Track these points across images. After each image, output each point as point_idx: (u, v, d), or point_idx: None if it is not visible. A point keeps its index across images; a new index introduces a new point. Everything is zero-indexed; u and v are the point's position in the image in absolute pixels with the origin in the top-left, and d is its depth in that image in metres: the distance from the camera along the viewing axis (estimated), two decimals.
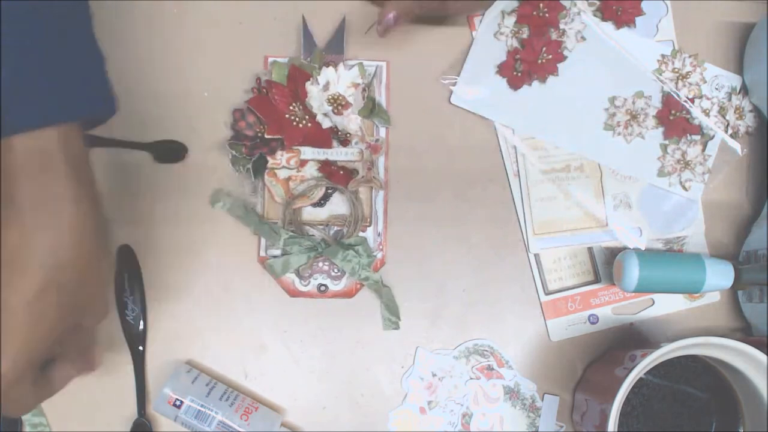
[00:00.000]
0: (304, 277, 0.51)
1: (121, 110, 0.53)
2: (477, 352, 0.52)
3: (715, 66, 0.54)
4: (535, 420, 0.52)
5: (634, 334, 0.54)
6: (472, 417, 0.52)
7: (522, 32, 0.53)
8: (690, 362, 0.49)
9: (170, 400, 0.47)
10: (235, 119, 0.51)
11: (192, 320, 0.51)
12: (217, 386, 0.49)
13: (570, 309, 0.53)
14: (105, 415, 0.51)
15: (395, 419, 0.52)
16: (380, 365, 0.52)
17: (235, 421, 0.48)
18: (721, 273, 0.49)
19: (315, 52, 0.52)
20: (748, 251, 0.52)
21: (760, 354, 0.44)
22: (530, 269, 0.53)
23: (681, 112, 0.53)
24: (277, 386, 0.52)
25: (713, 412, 0.50)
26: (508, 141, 0.53)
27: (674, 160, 0.53)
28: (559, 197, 0.53)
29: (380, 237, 0.52)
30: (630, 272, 0.49)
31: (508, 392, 0.52)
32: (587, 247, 0.54)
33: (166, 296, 0.52)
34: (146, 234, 0.52)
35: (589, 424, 0.48)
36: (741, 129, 0.54)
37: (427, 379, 0.52)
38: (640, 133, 0.53)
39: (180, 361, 0.51)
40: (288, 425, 0.51)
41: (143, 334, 0.51)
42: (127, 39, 0.53)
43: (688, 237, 0.54)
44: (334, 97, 0.51)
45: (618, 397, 0.43)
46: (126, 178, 0.52)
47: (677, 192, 0.54)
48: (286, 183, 0.51)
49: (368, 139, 0.52)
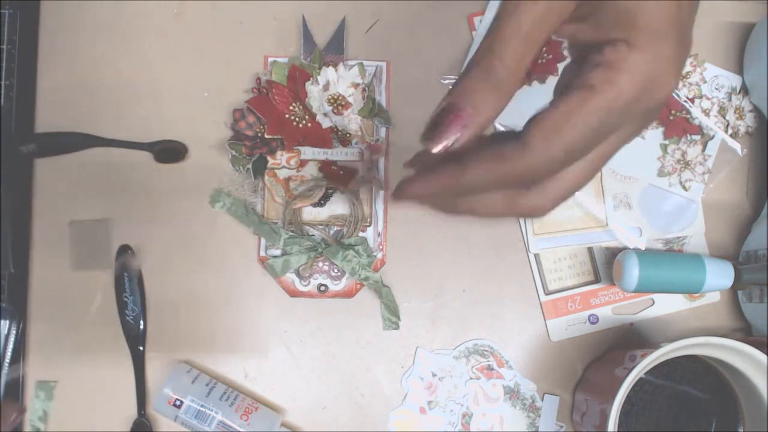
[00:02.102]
0: (304, 277, 0.51)
1: (121, 110, 0.53)
2: (477, 352, 0.52)
3: (715, 66, 0.54)
4: (535, 420, 0.52)
5: (634, 334, 0.54)
6: (472, 417, 0.52)
7: None
8: (690, 362, 0.49)
9: (170, 400, 0.47)
10: (235, 119, 0.51)
11: (192, 320, 0.51)
12: (217, 386, 0.49)
13: (570, 309, 0.53)
14: (105, 415, 0.51)
15: (395, 419, 0.52)
16: (380, 365, 0.52)
17: (235, 421, 0.48)
18: (721, 273, 0.49)
19: (315, 52, 0.52)
20: (748, 251, 0.52)
21: (760, 354, 0.44)
22: (530, 269, 0.53)
23: (681, 112, 0.53)
24: (277, 386, 0.52)
25: (713, 412, 0.50)
26: None
27: (674, 160, 0.53)
28: None
29: (380, 237, 0.52)
30: (630, 272, 0.49)
31: (508, 392, 0.52)
32: (587, 247, 0.54)
33: (166, 296, 0.52)
34: (146, 234, 0.52)
35: (589, 424, 0.48)
36: (741, 129, 0.54)
37: (427, 379, 0.52)
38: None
39: (180, 361, 0.51)
40: (288, 425, 0.51)
41: (143, 334, 0.51)
42: (128, 39, 0.53)
43: (688, 237, 0.54)
44: (334, 97, 0.51)
45: (618, 397, 0.43)
46: (126, 178, 0.52)
47: (677, 192, 0.54)
48: (286, 183, 0.51)
49: (368, 139, 0.52)
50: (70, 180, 0.52)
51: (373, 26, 0.53)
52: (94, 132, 0.52)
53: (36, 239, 0.51)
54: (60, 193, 0.52)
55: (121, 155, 0.52)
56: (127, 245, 0.51)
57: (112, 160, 0.52)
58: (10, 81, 0.51)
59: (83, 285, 0.51)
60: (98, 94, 0.52)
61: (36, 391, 0.50)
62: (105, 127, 0.52)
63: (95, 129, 0.52)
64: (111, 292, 0.51)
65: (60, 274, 0.51)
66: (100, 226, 0.52)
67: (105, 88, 0.52)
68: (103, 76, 0.52)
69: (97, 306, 0.51)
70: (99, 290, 0.51)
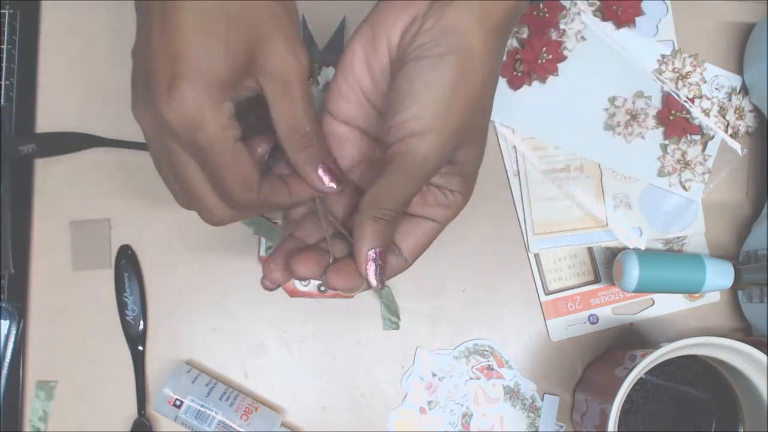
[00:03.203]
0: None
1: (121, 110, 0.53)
2: (477, 352, 0.52)
3: (715, 66, 0.54)
4: (535, 420, 0.52)
5: (634, 334, 0.54)
6: (472, 417, 0.52)
7: (522, 32, 0.53)
8: (690, 362, 0.49)
9: (170, 400, 0.47)
10: None
11: (192, 320, 0.51)
12: (217, 386, 0.49)
13: (570, 309, 0.53)
14: (105, 415, 0.51)
15: (395, 419, 0.52)
16: (380, 365, 0.52)
17: (235, 421, 0.48)
18: (721, 273, 0.49)
19: (315, 52, 0.52)
20: (748, 251, 0.52)
21: (760, 354, 0.44)
22: (530, 269, 0.53)
23: (681, 112, 0.53)
24: (277, 386, 0.52)
25: (713, 412, 0.50)
26: (508, 141, 0.53)
27: (674, 160, 0.53)
28: (559, 197, 0.53)
29: None
30: (630, 272, 0.49)
31: (508, 392, 0.52)
32: (587, 247, 0.54)
33: (166, 296, 0.52)
34: (146, 234, 0.52)
35: (589, 424, 0.48)
36: (741, 129, 0.54)
37: (427, 379, 0.52)
38: (640, 133, 0.53)
39: (180, 361, 0.51)
40: (288, 425, 0.51)
41: (143, 334, 0.51)
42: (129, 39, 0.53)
43: (688, 237, 0.54)
44: None
45: (618, 397, 0.43)
46: (126, 178, 0.52)
47: (677, 192, 0.54)
48: None
49: None
50: (70, 180, 0.52)
51: None
52: (94, 132, 0.52)
53: (36, 239, 0.51)
54: (60, 193, 0.52)
55: (121, 155, 0.52)
56: (127, 245, 0.51)
57: (112, 160, 0.52)
58: (10, 81, 0.51)
59: (83, 285, 0.51)
60: (98, 94, 0.52)
61: (36, 391, 0.50)
62: (105, 127, 0.52)
63: (95, 129, 0.52)
64: (111, 292, 0.51)
65: (60, 274, 0.51)
66: (100, 226, 0.52)
67: (105, 88, 0.52)
68: (103, 76, 0.52)
69: (97, 306, 0.51)
70: (99, 290, 0.51)
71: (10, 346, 0.50)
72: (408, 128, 0.30)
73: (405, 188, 0.31)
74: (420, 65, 0.30)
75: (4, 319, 0.50)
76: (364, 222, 0.32)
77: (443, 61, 0.30)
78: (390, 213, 0.32)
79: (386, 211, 0.32)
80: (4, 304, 0.50)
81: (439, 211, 0.36)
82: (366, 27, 0.33)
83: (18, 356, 0.50)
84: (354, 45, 0.33)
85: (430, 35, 0.30)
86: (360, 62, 0.33)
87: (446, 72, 0.30)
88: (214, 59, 0.30)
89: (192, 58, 0.29)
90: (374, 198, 0.31)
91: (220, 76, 0.30)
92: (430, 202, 0.35)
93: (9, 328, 0.50)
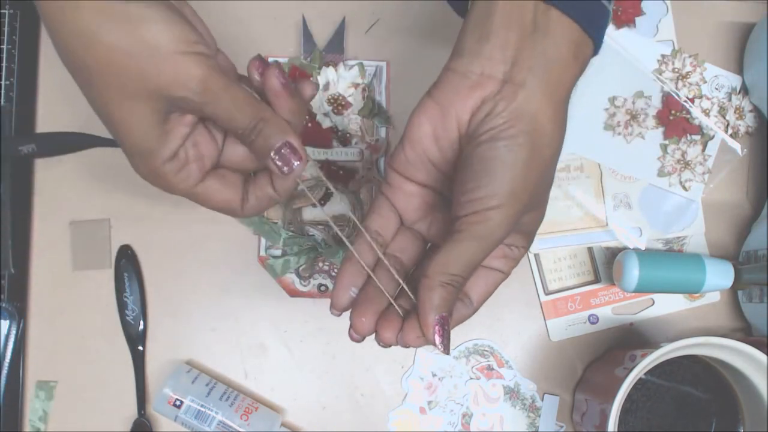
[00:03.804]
0: (304, 277, 0.51)
1: None
2: (477, 352, 0.52)
3: (715, 66, 0.54)
4: (535, 420, 0.52)
5: (634, 334, 0.54)
6: (472, 417, 0.52)
7: None
8: (690, 362, 0.49)
9: (170, 400, 0.47)
10: None
11: (192, 320, 0.51)
12: (217, 386, 0.49)
13: (570, 309, 0.53)
14: (105, 415, 0.51)
15: (395, 419, 0.52)
16: (380, 365, 0.52)
17: (235, 421, 0.48)
18: (721, 273, 0.49)
19: (315, 52, 0.52)
20: (748, 251, 0.52)
21: (760, 354, 0.44)
22: (530, 269, 0.53)
23: (681, 112, 0.53)
24: (277, 386, 0.52)
25: (713, 412, 0.50)
26: None
27: (674, 160, 0.53)
28: (559, 197, 0.53)
29: None
30: (630, 272, 0.49)
31: (508, 392, 0.52)
32: (587, 247, 0.54)
33: (166, 296, 0.52)
34: (146, 234, 0.52)
35: (589, 424, 0.48)
36: (741, 129, 0.54)
37: (427, 379, 0.52)
38: (640, 133, 0.53)
39: (180, 361, 0.51)
40: (288, 425, 0.51)
41: (143, 334, 0.51)
42: None
43: (688, 237, 0.54)
44: (334, 97, 0.51)
45: (618, 397, 0.43)
46: (126, 178, 0.52)
47: (677, 192, 0.54)
48: None
49: (368, 139, 0.52)
50: (70, 180, 0.52)
51: (373, 26, 0.53)
52: (94, 132, 0.52)
53: (36, 239, 0.51)
54: (60, 193, 0.52)
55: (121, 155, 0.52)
56: (127, 245, 0.51)
57: (112, 160, 0.52)
58: (10, 81, 0.51)
59: (83, 285, 0.51)
60: None
61: (36, 391, 0.50)
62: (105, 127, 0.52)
63: (95, 129, 0.52)
64: (111, 292, 0.51)
65: (60, 274, 0.51)
66: (100, 226, 0.52)
67: None
68: None
69: (97, 306, 0.51)
70: (99, 290, 0.51)
71: (10, 346, 0.50)
72: (484, 204, 0.31)
73: (475, 255, 0.32)
74: (494, 146, 0.31)
75: (4, 319, 0.50)
76: (432, 287, 0.32)
77: (516, 142, 0.31)
78: (458, 279, 0.32)
79: (455, 277, 0.32)
80: (4, 304, 0.50)
81: (505, 263, 0.37)
82: (431, 103, 0.34)
83: (18, 356, 0.50)
84: (420, 119, 0.34)
85: (503, 118, 0.31)
86: (428, 136, 0.34)
87: (520, 153, 0.31)
88: (138, 138, 0.34)
89: (125, 141, 0.34)
90: (444, 264, 0.32)
91: (153, 146, 0.34)
92: (497, 255, 0.37)
93: (9, 328, 0.50)
